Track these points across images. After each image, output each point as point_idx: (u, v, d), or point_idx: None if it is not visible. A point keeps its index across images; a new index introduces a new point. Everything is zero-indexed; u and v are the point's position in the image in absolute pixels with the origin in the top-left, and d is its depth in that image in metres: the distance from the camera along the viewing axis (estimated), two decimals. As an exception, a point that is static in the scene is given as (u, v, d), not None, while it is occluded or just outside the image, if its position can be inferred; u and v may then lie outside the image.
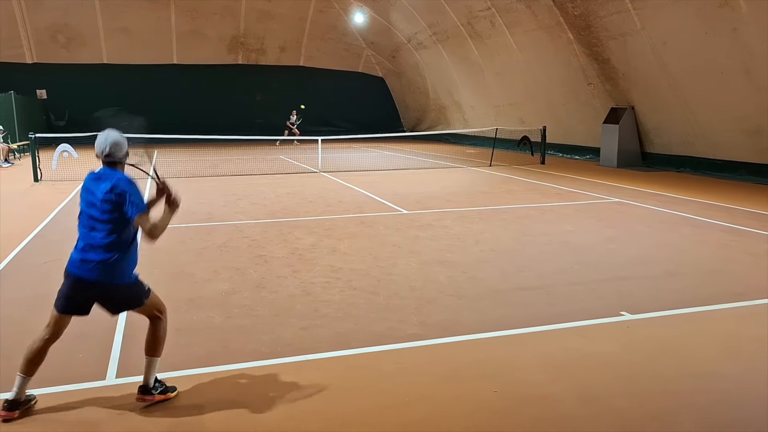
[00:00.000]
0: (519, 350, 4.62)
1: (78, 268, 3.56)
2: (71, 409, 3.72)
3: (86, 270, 3.54)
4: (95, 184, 3.60)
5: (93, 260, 3.53)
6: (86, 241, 3.56)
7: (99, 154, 3.62)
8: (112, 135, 3.62)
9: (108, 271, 3.55)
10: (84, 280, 3.55)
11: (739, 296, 5.83)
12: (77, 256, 3.57)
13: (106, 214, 3.54)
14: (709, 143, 15.56)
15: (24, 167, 16.98)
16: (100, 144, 3.60)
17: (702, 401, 3.82)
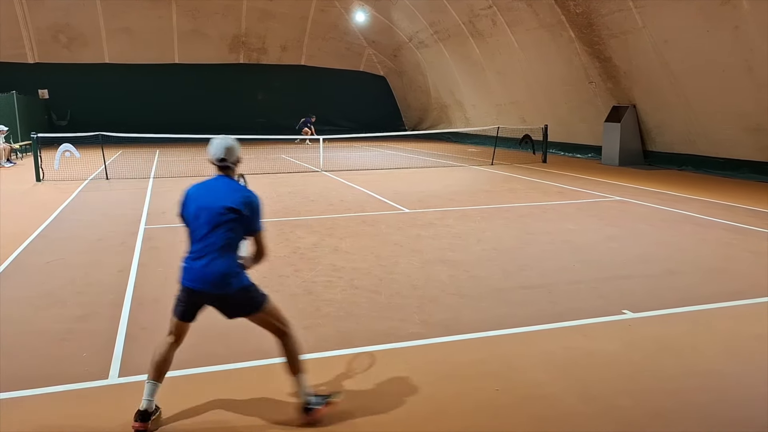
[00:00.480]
0: (520, 349, 4.62)
1: (197, 280, 3.44)
2: (73, 409, 3.74)
3: (207, 282, 3.43)
4: (213, 193, 3.50)
5: (213, 271, 3.42)
6: (205, 252, 3.43)
7: (213, 158, 3.56)
8: (227, 140, 3.57)
9: (227, 281, 3.45)
10: (205, 292, 3.46)
11: (740, 294, 5.83)
12: (194, 265, 3.45)
13: (230, 223, 3.44)
14: (711, 141, 15.54)
15: (26, 167, 17.00)
16: (216, 148, 3.55)
17: (703, 400, 3.83)
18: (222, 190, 3.50)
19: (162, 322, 5.14)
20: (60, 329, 5.01)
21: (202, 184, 3.59)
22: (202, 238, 3.44)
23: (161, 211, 10.36)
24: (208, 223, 3.43)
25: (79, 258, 7.34)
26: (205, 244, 3.43)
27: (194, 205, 3.50)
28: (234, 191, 3.50)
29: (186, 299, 3.52)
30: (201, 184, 3.58)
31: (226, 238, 3.45)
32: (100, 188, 13.42)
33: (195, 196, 3.54)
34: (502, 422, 3.56)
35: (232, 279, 3.46)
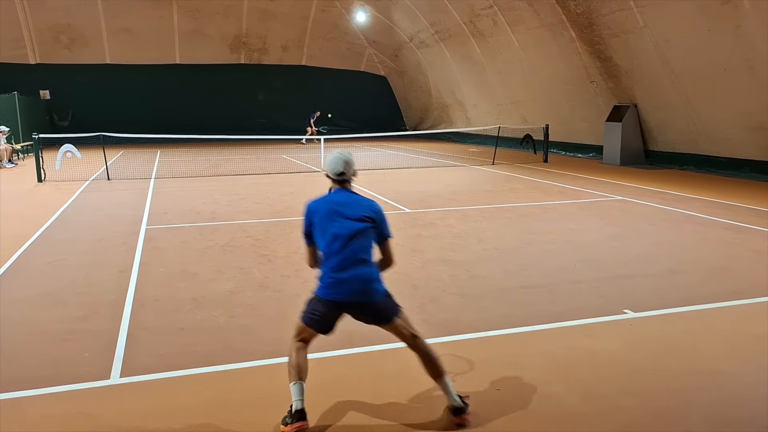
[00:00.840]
0: (522, 349, 4.62)
1: (343, 293, 3.49)
2: (75, 409, 3.74)
3: (353, 293, 3.48)
4: (344, 206, 3.56)
5: (359, 280, 3.49)
6: (347, 263, 3.49)
7: (332, 173, 3.62)
8: (344, 154, 3.64)
9: (370, 290, 3.52)
10: (350, 302, 3.51)
11: (742, 294, 5.82)
12: (338, 277, 3.49)
13: (366, 232, 3.54)
14: (713, 141, 15.53)
15: (28, 168, 17.01)
16: (335, 163, 3.61)
17: (705, 399, 3.82)
18: (351, 202, 3.58)
19: (163, 321, 5.17)
20: (61, 329, 5.01)
21: (324, 199, 3.62)
22: (341, 250, 3.48)
23: (162, 212, 10.36)
24: (346, 234, 3.49)
25: (80, 258, 7.35)
26: (345, 255, 3.48)
27: (325, 219, 3.55)
28: (362, 201, 3.60)
29: (326, 312, 3.53)
30: (324, 200, 3.62)
31: (364, 247, 3.53)
32: (102, 189, 13.43)
33: (323, 211, 3.57)
34: (504, 422, 3.55)
35: (376, 286, 3.54)
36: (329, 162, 3.64)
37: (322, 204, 3.61)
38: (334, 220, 3.53)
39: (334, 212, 3.54)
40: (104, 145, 16.07)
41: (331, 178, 3.65)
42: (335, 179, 3.64)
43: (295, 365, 3.55)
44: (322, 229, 3.55)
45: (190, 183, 14.25)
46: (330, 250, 3.52)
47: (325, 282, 3.53)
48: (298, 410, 3.43)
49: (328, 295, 3.50)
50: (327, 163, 3.66)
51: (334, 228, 3.51)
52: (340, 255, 3.49)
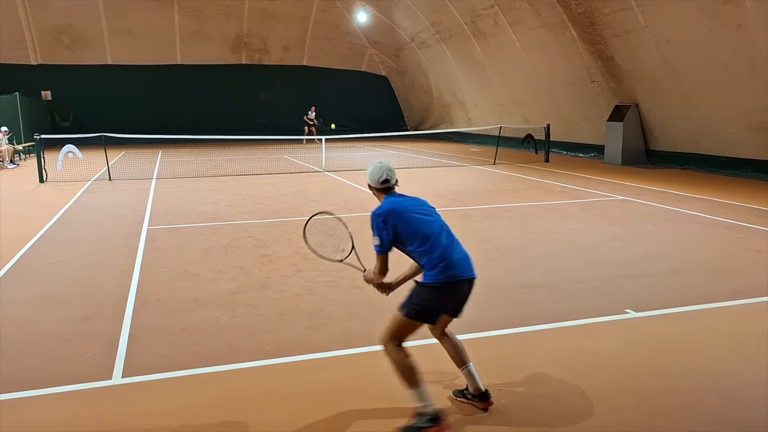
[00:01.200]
0: (523, 349, 4.62)
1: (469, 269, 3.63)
2: (77, 409, 3.75)
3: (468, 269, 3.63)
4: (417, 206, 3.71)
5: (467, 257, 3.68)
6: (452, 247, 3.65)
7: (377, 181, 3.70)
8: (385, 163, 3.77)
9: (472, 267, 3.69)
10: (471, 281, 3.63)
11: (743, 294, 5.82)
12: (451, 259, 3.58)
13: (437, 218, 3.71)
14: (714, 140, 15.51)
15: (29, 168, 17.04)
16: (380, 171, 3.71)
17: (706, 398, 3.82)
18: (416, 201, 3.75)
19: (165, 322, 5.17)
20: (63, 330, 5.02)
21: (391, 207, 3.62)
22: (441, 240, 3.61)
23: (164, 212, 10.37)
24: (439, 225, 3.66)
25: (82, 259, 7.36)
26: (447, 241, 3.63)
27: (411, 221, 3.59)
28: (420, 199, 3.79)
29: (441, 298, 3.54)
30: (392, 207, 3.62)
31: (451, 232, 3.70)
32: (103, 189, 13.44)
33: (403, 216, 3.59)
34: (506, 421, 3.56)
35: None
36: (371, 172, 3.72)
37: (395, 212, 3.61)
38: (419, 219, 3.62)
39: (414, 213, 3.64)
40: (105, 145, 16.08)
41: (376, 188, 3.74)
42: (379, 188, 3.73)
43: (410, 369, 3.50)
44: (411, 231, 3.58)
45: (192, 183, 14.26)
46: (429, 245, 3.56)
47: (438, 269, 3.52)
48: (436, 413, 3.42)
49: (448, 277, 3.52)
50: (369, 173, 3.74)
51: (423, 225, 3.61)
52: (442, 243, 3.59)
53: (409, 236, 3.57)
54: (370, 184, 3.75)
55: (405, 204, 3.67)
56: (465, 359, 3.73)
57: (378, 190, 3.74)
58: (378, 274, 3.73)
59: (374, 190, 3.76)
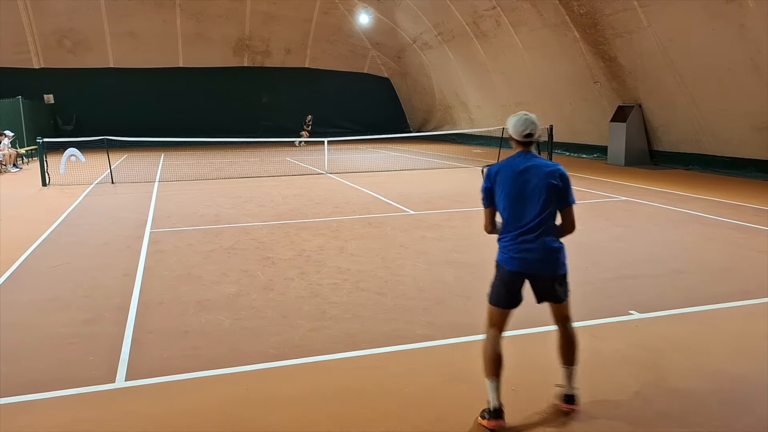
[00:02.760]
0: (527, 349, 4.60)
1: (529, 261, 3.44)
2: (80, 413, 3.74)
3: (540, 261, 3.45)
4: (527, 170, 3.43)
5: (542, 249, 3.45)
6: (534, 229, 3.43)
7: (520, 134, 3.47)
8: (529, 115, 3.50)
9: (555, 260, 3.51)
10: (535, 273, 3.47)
11: (748, 294, 5.79)
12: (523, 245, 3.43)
13: (547, 202, 3.43)
14: (718, 140, 15.48)
15: (32, 172, 17.07)
16: (523, 124, 3.46)
17: (712, 399, 3.80)
18: (535, 165, 3.44)
19: (168, 325, 5.17)
20: (66, 333, 5.02)
21: (507, 162, 3.49)
22: (525, 216, 3.42)
23: (166, 215, 10.38)
24: (531, 199, 3.41)
25: (85, 262, 7.36)
26: (530, 222, 3.42)
27: (509, 183, 3.42)
28: (546, 164, 3.46)
29: (510, 283, 3.47)
30: (507, 163, 3.49)
31: (549, 213, 3.44)
32: (106, 192, 13.46)
33: (506, 175, 3.44)
34: (511, 422, 3.54)
35: (561, 257, 3.53)
36: (514, 123, 3.49)
37: (505, 168, 3.47)
38: (518, 184, 3.42)
39: (518, 176, 3.43)
40: (108, 148, 16.10)
41: (516, 140, 3.51)
42: (521, 141, 3.49)
43: (491, 358, 3.47)
44: (504, 193, 3.44)
45: (194, 186, 14.27)
46: (513, 216, 3.43)
47: (508, 250, 3.45)
48: (495, 409, 3.43)
49: (513, 265, 3.43)
50: (512, 124, 3.50)
51: (517, 193, 3.42)
52: (524, 221, 3.42)
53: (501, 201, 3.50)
54: (510, 135, 3.54)
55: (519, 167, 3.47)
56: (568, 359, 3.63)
57: (516, 143, 3.53)
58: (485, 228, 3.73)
59: (513, 141, 3.55)
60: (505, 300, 3.53)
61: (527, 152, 3.51)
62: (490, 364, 3.49)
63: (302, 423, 3.57)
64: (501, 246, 3.53)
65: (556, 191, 3.43)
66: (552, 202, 3.44)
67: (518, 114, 3.53)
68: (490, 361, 3.49)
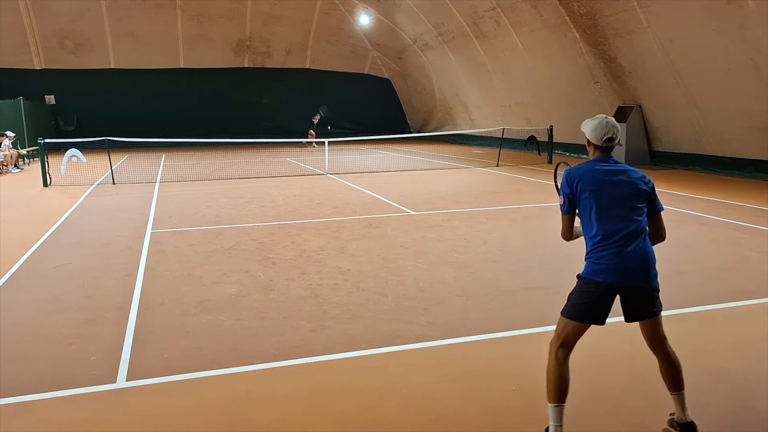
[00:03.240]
0: (527, 350, 4.61)
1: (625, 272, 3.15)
2: (81, 413, 3.75)
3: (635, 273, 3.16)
4: (615, 175, 3.24)
5: (643, 259, 3.16)
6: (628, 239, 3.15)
7: (601, 139, 3.27)
8: (610, 118, 3.32)
9: (654, 271, 3.22)
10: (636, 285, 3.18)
11: (748, 294, 5.80)
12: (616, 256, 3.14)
13: (639, 209, 3.22)
14: (718, 140, 15.48)
15: (33, 172, 17.09)
16: (604, 128, 3.27)
17: (713, 400, 3.80)
18: (622, 171, 3.25)
19: (169, 325, 5.17)
20: (68, 333, 5.03)
21: (591, 167, 3.29)
22: (616, 225, 3.17)
23: (167, 215, 10.39)
24: (622, 207, 3.19)
25: (86, 262, 7.37)
26: (621, 231, 3.15)
27: (597, 189, 3.21)
28: (633, 171, 3.27)
29: (599, 296, 3.18)
30: (590, 168, 3.28)
31: (642, 222, 3.21)
32: (107, 193, 13.47)
33: (592, 180, 3.23)
34: (511, 423, 3.55)
35: (655, 269, 3.22)
36: (594, 127, 3.31)
37: (589, 172, 3.26)
38: (607, 190, 3.21)
39: (606, 182, 3.22)
40: (109, 149, 16.11)
41: (595, 145, 3.33)
42: (601, 146, 3.31)
43: (557, 382, 3.21)
44: (593, 200, 3.21)
45: (195, 186, 14.28)
46: (606, 225, 3.18)
47: (599, 261, 3.19)
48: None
49: (605, 276, 3.15)
50: (590, 128, 3.32)
51: (608, 200, 3.20)
52: (620, 229, 3.16)
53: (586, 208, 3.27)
54: (589, 140, 3.36)
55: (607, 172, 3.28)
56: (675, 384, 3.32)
57: (596, 148, 3.34)
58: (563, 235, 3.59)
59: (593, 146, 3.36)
60: (594, 315, 3.21)
61: (608, 157, 3.33)
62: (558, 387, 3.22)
63: (303, 423, 3.58)
64: (593, 257, 3.22)
65: (647, 198, 3.25)
66: (641, 209, 3.24)
67: (597, 117, 3.35)
68: (557, 384, 3.22)
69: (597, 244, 3.21)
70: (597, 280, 3.19)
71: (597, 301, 3.20)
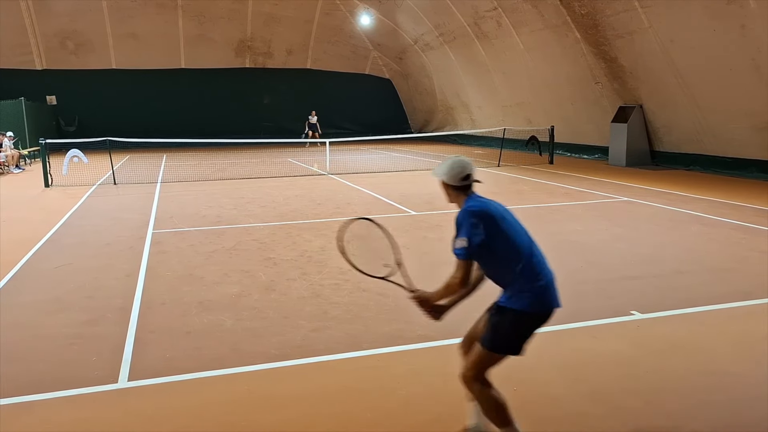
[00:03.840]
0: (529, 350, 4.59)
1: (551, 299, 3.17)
2: (83, 413, 3.75)
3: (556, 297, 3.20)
4: (503, 209, 3.33)
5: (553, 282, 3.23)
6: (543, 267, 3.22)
7: (458, 178, 3.24)
8: (462, 158, 3.31)
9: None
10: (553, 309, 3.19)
11: (749, 294, 5.80)
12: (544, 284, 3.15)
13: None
14: (719, 141, 15.47)
15: (35, 173, 17.10)
16: (461, 166, 3.25)
17: (713, 400, 3.81)
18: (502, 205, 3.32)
19: (170, 325, 5.18)
20: (69, 333, 5.04)
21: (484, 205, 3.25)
22: (533, 255, 3.21)
23: (169, 216, 10.40)
24: (529, 238, 3.28)
25: (87, 263, 7.38)
26: (539, 259, 3.22)
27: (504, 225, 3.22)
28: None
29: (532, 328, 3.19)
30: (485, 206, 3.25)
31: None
32: (108, 193, 13.49)
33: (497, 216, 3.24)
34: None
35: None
36: (451, 168, 3.24)
37: (489, 210, 3.23)
38: (511, 224, 3.23)
39: (505, 217, 3.25)
40: (110, 149, 16.13)
41: (454, 186, 3.26)
42: (461, 186, 3.26)
43: (502, 406, 3.21)
44: (506, 235, 3.18)
45: (196, 187, 14.29)
46: (523, 258, 3.17)
47: (532, 293, 3.11)
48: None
49: (542, 306, 3.13)
50: (447, 170, 3.24)
51: (517, 233, 3.22)
52: (534, 260, 3.19)
53: (502, 244, 3.17)
54: (446, 182, 3.26)
55: (499, 207, 3.29)
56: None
57: (456, 189, 3.26)
58: (458, 283, 3.24)
59: (450, 188, 3.28)
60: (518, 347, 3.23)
61: (475, 194, 3.30)
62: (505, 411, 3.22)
63: (304, 423, 3.59)
64: (521, 287, 3.13)
65: None
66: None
67: (452, 159, 3.29)
68: (503, 409, 3.22)
69: (520, 277, 3.14)
70: (532, 312, 3.13)
71: (529, 333, 3.21)
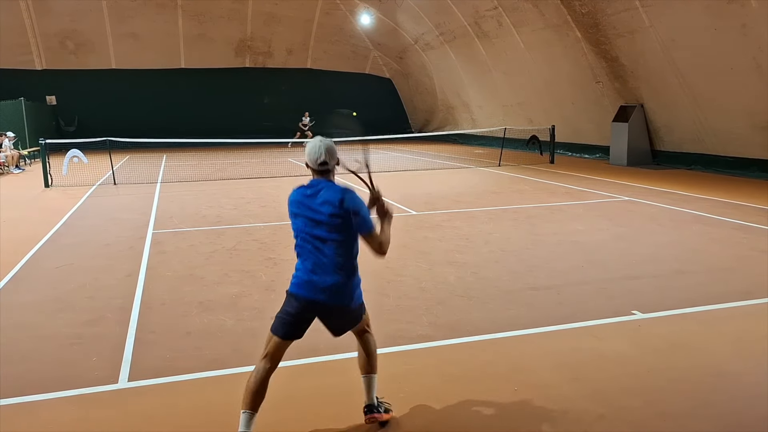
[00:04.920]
0: (529, 350, 4.60)
1: (309, 290, 3.20)
2: (83, 413, 3.75)
3: (319, 292, 3.20)
4: (313, 200, 3.22)
5: (326, 282, 3.19)
6: (314, 262, 3.20)
7: (313, 162, 3.25)
8: (325, 142, 3.27)
9: (341, 294, 3.23)
10: (316, 302, 3.21)
11: (750, 294, 5.79)
12: (306, 277, 3.21)
13: (335, 231, 3.19)
14: (720, 140, 15.46)
15: (35, 173, 17.10)
16: (315, 152, 3.23)
17: (714, 399, 3.80)
18: (319, 194, 3.23)
19: (170, 325, 5.18)
20: (69, 334, 5.03)
21: (304, 188, 3.30)
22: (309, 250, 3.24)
23: (169, 216, 10.39)
24: (313, 233, 3.22)
25: (87, 263, 7.37)
26: (313, 257, 3.23)
27: (297, 213, 3.27)
28: (331, 194, 3.22)
29: (297, 312, 3.25)
30: (299, 191, 3.31)
31: (332, 250, 3.21)
32: (108, 193, 13.48)
33: (296, 203, 3.29)
34: (512, 423, 3.54)
35: (346, 292, 3.27)
36: (309, 150, 3.26)
37: (297, 195, 3.29)
38: (304, 213, 3.23)
39: (303, 205, 3.24)
40: (110, 149, 16.12)
41: (312, 168, 3.29)
42: (316, 169, 3.28)
43: (252, 390, 3.24)
44: (294, 224, 3.27)
45: (196, 187, 14.29)
46: (300, 248, 3.26)
47: (296, 277, 3.27)
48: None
49: (297, 289, 3.24)
50: (307, 151, 3.28)
51: (302, 223, 3.23)
52: (305, 252, 3.23)
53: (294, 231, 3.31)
54: (306, 163, 3.32)
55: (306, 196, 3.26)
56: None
57: (313, 171, 3.32)
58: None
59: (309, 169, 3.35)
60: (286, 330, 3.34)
61: (321, 180, 3.32)
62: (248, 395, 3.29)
63: (304, 423, 3.58)
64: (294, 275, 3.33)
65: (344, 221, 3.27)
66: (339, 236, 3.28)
67: (315, 140, 3.30)
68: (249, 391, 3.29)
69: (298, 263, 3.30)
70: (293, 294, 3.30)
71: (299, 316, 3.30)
